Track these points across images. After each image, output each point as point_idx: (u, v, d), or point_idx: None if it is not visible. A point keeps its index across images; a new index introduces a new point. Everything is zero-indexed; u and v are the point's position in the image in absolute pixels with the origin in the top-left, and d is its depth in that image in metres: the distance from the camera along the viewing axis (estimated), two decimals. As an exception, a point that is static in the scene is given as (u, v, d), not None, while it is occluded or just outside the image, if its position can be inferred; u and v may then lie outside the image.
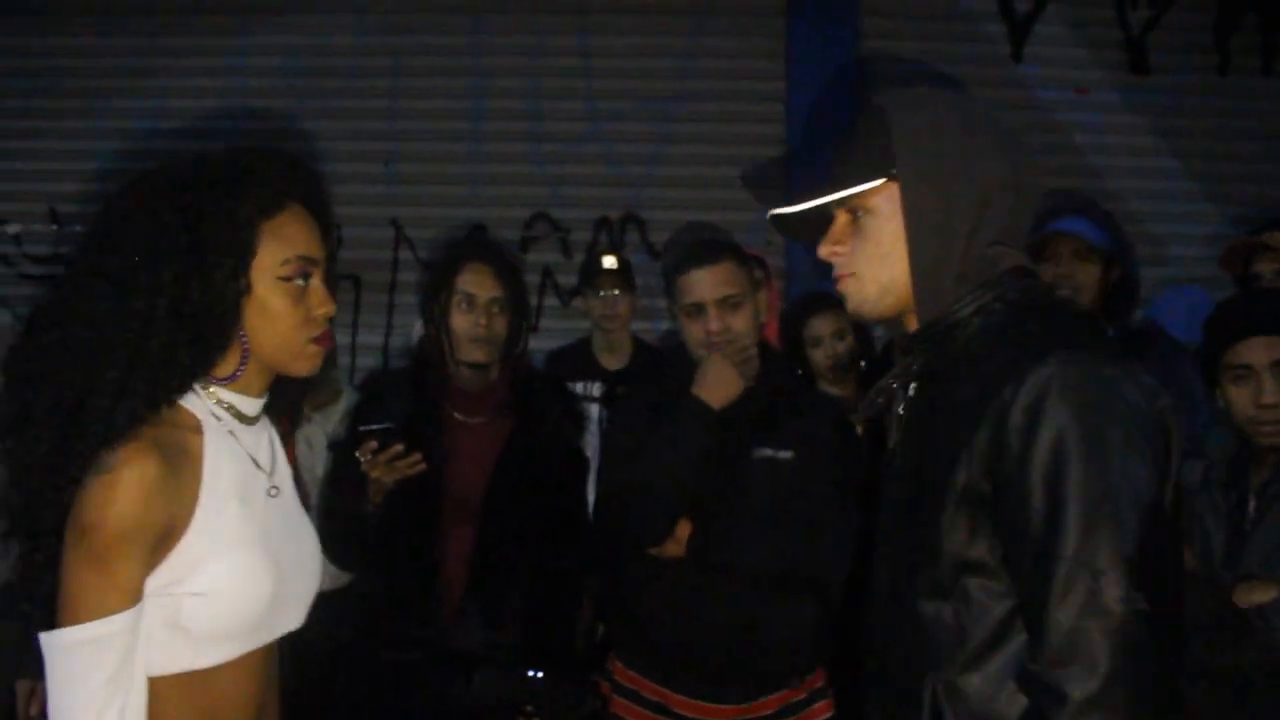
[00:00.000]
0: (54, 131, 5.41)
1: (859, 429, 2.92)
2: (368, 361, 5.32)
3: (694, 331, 2.61)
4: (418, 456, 2.49)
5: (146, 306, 1.47)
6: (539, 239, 5.36)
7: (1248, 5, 5.18)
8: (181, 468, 1.48)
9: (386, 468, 2.48)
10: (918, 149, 1.50)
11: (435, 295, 2.75)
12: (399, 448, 2.47)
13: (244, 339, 1.56)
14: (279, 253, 1.55)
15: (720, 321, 2.57)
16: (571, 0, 5.32)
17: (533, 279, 5.09)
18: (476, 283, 2.71)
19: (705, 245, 2.71)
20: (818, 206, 1.58)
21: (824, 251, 1.61)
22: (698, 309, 2.59)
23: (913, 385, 1.60)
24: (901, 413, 1.62)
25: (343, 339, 5.14)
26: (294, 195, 1.60)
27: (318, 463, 3.57)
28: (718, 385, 2.55)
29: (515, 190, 5.33)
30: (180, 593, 1.48)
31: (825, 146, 1.68)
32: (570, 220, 5.34)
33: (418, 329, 2.85)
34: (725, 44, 5.29)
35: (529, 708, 2.53)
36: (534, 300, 5.10)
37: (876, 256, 1.55)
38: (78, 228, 5.22)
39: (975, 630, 1.44)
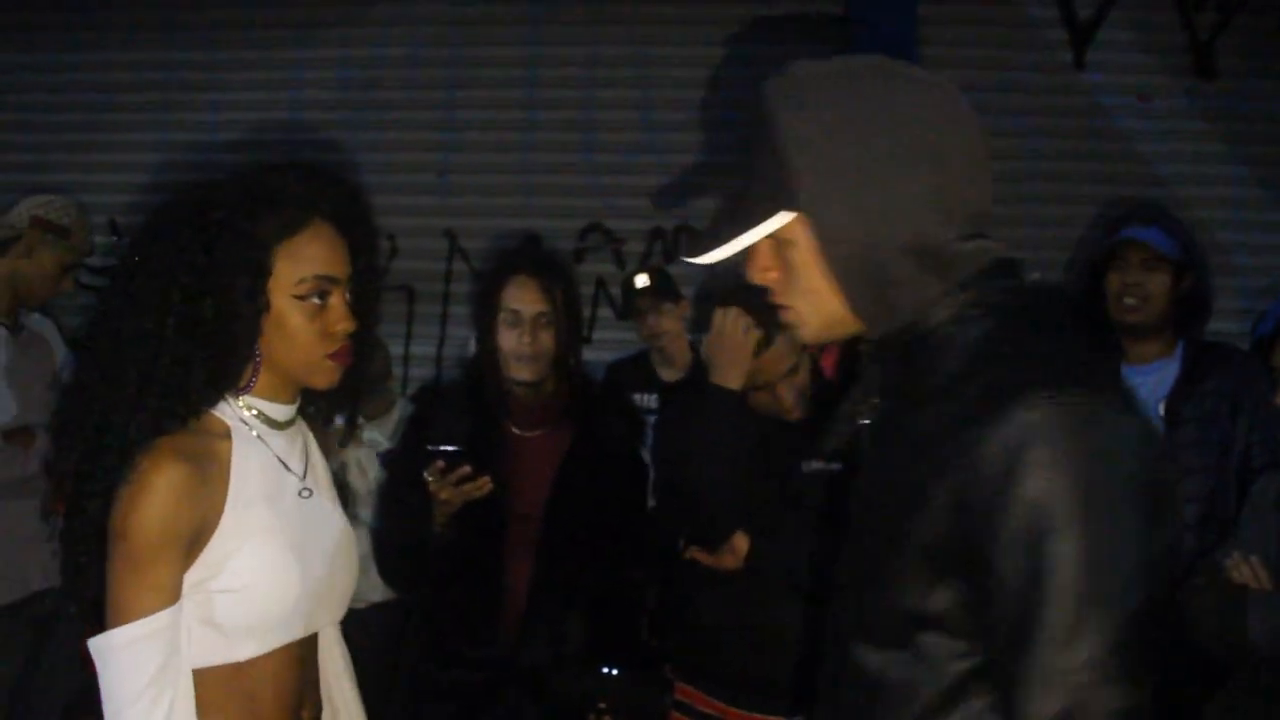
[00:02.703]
0: (114, 144, 5.48)
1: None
2: (421, 372, 5.33)
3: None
4: (485, 479, 2.47)
5: (156, 326, 1.56)
6: (593, 250, 5.35)
7: (1318, 8, 5.07)
8: (209, 472, 1.57)
9: (454, 489, 2.46)
10: (819, 169, 1.24)
11: (483, 312, 2.72)
12: (466, 469, 2.46)
13: (256, 352, 1.63)
14: (295, 272, 1.61)
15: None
16: (626, 11, 5.32)
17: (587, 290, 5.08)
18: (521, 298, 2.65)
19: None
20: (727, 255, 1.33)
21: (755, 277, 1.35)
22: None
23: (875, 402, 1.39)
24: (866, 437, 1.40)
25: (396, 349, 5.14)
26: (320, 212, 1.65)
27: (370, 486, 3.57)
28: (731, 365, 2.54)
29: (569, 201, 5.33)
30: (212, 589, 1.56)
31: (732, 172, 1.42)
32: (624, 231, 5.33)
33: (473, 343, 2.83)
34: (781, 53, 5.18)
35: (602, 705, 2.49)
36: (588, 312, 5.09)
37: (809, 293, 1.30)
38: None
39: (926, 688, 1.25)
